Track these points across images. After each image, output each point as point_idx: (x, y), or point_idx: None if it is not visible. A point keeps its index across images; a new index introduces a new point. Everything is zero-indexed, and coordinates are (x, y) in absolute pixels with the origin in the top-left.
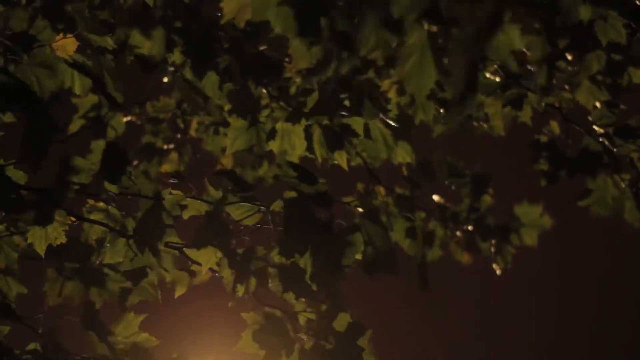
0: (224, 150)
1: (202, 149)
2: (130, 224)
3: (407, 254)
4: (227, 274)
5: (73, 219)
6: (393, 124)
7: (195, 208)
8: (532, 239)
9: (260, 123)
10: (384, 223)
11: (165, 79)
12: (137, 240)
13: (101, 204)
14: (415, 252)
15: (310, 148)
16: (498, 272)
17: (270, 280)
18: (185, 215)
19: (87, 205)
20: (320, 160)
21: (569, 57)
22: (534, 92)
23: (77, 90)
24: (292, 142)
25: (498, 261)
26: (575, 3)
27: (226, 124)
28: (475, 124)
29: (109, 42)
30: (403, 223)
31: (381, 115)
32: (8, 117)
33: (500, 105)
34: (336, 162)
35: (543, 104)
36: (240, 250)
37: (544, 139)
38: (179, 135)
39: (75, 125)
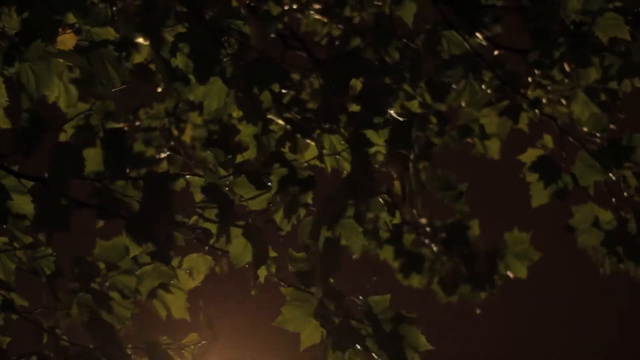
0: None
1: (195, 157)
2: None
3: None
4: (237, 251)
5: None
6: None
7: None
8: (522, 272)
9: (272, 132)
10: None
11: (160, 89)
12: (145, 225)
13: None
14: (401, 279)
15: (320, 157)
16: (478, 311)
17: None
18: (197, 197)
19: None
20: (329, 170)
21: (566, 68)
22: (529, 99)
23: (62, 104)
24: (302, 149)
25: (482, 295)
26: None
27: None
28: (470, 140)
29: (110, 32)
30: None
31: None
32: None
33: (496, 116)
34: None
35: (538, 112)
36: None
37: (536, 153)
38: (172, 143)
39: (68, 129)
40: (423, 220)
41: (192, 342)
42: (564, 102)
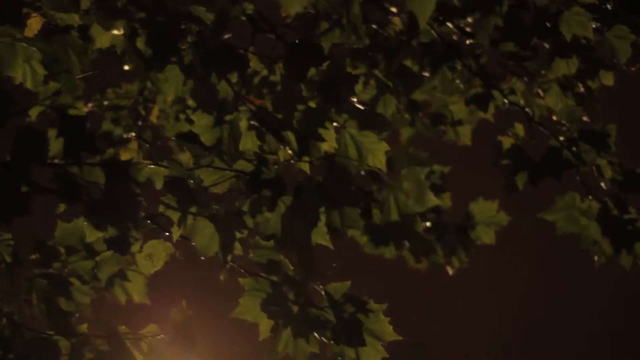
0: None
1: (163, 136)
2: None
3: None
4: (203, 242)
5: None
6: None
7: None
8: (490, 237)
9: (226, 123)
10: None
11: (126, 67)
12: (105, 212)
13: None
14: (370, 251)
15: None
16: (451, 272)
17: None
18: (158, 184)
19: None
20: (282, 160)
21: (538, 61)
22: (498, 89)
23: (30, 84)
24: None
25: (453, 262)
26: None
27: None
28: (442, 127)
29: (75, 19)
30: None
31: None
32: None
33: (464, 104)
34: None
35: (507, 102)
36: (218, 217)
37: (507, 141)
38: (140, 123)
39: (33, 112)
40: None
41: (151, 333)
42: (541, 92)
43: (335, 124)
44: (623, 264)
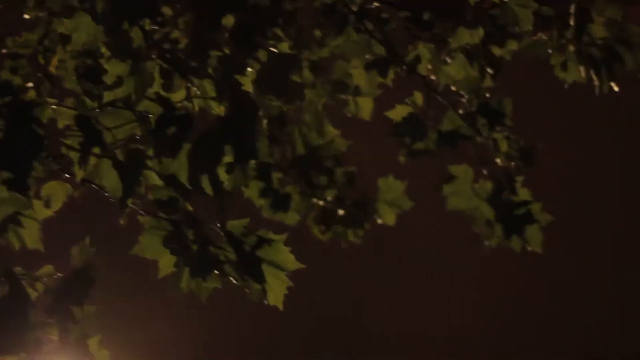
0: None
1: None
2: None
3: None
4: (111, 184)
5: None
6: None
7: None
8: (390, 218)
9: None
10: None
11: (27, 16)
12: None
13: None
14: (269, 215)
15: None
16: (344, 245)
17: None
18: (60, 123)
19: None
20: (196, 109)
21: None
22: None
23: None
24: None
25: (349, 235)
26: None
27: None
28: (343, 96)
29: None
30: (257, 183)
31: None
32: None
33: (363, 69)
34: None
35: (405, 68)
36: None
37: (405, 109)
38: (39, 75)
39: None
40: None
41: (46, 273)
42: (448, 60)
43: (249, 69)
44: (513, 248)
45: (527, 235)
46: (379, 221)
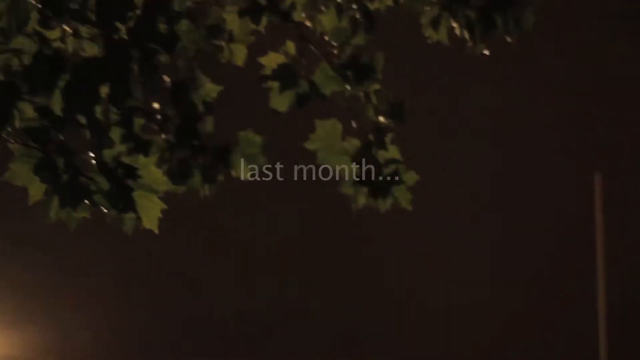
0: None
1: None
2: None
3: None
4: None
5: None
6: None
7: None
8: (241, 173)
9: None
10: None
11: None
12: None
13: None
14: (128, 160)
15: None
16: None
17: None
18: None
19: None
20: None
21: None
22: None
23: None
24: None
25: (205, 189)
26: None
27: None
28: (217, 42)
29: None
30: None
31: None
32: None
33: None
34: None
35: (278, 16)
36: None
37: (277, 58)
38: None
39: None
40: (155, 106)
41: None
42: (323, 8)
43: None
44: (380, 208)
45: (396, 194)
46: (233, 173)
